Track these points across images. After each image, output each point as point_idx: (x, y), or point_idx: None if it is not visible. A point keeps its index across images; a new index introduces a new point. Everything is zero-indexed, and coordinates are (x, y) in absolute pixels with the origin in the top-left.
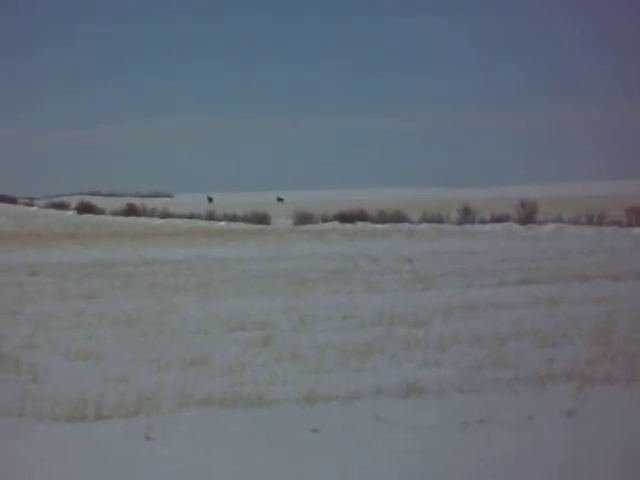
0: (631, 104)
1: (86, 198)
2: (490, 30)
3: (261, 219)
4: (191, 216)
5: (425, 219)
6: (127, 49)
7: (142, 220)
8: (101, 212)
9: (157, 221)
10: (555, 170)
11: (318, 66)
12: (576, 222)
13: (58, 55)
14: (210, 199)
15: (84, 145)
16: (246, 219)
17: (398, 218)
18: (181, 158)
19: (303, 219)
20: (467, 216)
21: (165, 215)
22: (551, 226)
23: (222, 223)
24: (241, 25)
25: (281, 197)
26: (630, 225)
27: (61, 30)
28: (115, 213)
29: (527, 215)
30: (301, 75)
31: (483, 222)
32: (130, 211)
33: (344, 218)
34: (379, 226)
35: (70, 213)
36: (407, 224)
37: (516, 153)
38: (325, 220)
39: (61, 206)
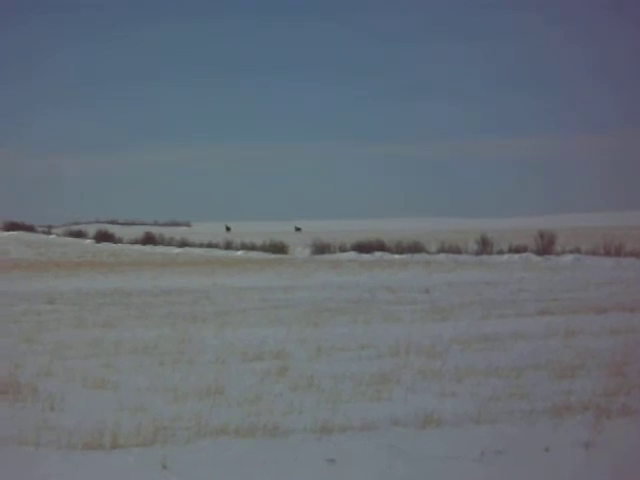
0: None
1: (104, 227)
2: (503, 58)
3: (279, 249)
4: (209, 245)
5: (443, 249)
6: (143, 75)
7: (160, 249)
8: (119, 241)
9: (175, 250)
10: (573, 201)
11: (334, 92)
12: (594, 253)
13: (67, 76)
14: (228, 228)
15: (102, 173)
16: (264, 248)
17: (416, 248)
18: (199, 187)
19: (321, 249)
20: (485, 247)
21: (183, 244)
22: (569, 257)
23: (240, 252)
24: (258, 46)
25: (299, 227)
26: None
27: (78, 44)
28: (133, 242)
29: (545, 246)
30: (318, 102)
31: (501, 253)
32: (148, 240)
33: (362, 248)
34: (397, 256)
35: (88, 241)
36: (425, 254)
37: (534, 183)
38: (343, 250)
39: (79, 234)
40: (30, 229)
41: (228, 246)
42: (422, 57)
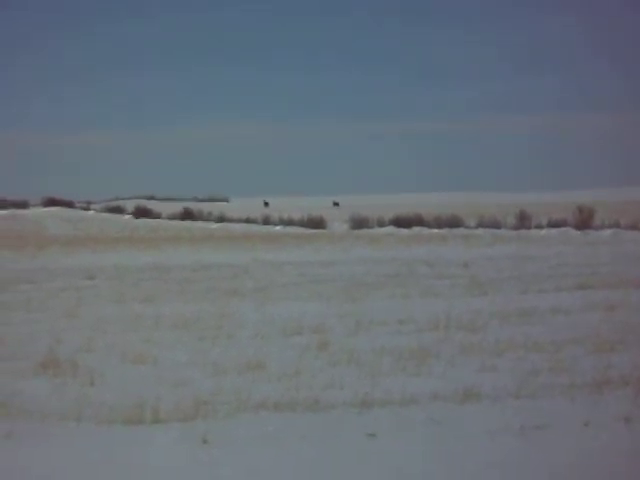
0: None
1: (142, 202)
2: (558, 30)
3: (317, 223)
4: (247, 220)
5: (481, 224)
6: (178, 52)
7: (198, 224)
8: (157, 216)
9: (213, 225)
10: (613, 174)
11: (367, 72)
12: (633, 227)
13: (109, 51)
14: (266, 203)
15: (141, 149)
16: (302, 223)
17: (454, 223)
18: (237, 162)
19: (359, 223)
20: (524, 221)
21: (221, 219)
22: (608, 232)
23: (278, 227)
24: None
25: (337, 201)
26: None
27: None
28: (171, 217)
29: (584, 220)
30: (353, 80)
31: (540, 227)
32: (186, 215)
33: (400, 223)
34: (435, 231)
35: (126, 217)
36: (463, 229)
37: (574, 157)
38: (381, 225)
39: (117, 210)
40: (69, 205)
41: (266, 221)
42: (439, 40)
